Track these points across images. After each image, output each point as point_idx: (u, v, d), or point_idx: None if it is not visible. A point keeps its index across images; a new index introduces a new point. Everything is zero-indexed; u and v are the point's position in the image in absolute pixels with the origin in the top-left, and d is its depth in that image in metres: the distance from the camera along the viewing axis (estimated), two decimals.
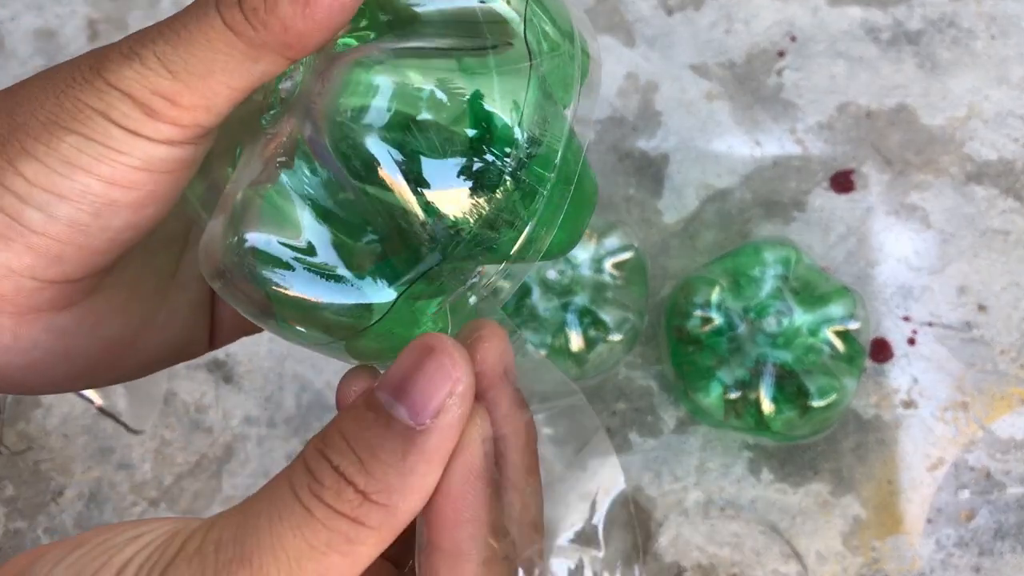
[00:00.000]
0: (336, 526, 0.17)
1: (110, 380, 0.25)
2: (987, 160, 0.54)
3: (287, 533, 0.17)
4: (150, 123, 0.20)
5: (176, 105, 0.20)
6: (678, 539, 0.51)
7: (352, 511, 0.18)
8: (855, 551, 0.50)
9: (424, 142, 0.19)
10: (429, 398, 0.18)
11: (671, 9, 0.58)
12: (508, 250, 0.20)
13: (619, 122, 0.56)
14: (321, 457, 0.18)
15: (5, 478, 0.54)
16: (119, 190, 0.20)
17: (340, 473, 0.18)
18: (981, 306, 0.52)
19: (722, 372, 0.48)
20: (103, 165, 0.20)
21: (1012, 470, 0.50)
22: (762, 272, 0.49)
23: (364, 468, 0.18)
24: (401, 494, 0.18)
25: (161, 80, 0.19)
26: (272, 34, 0.19)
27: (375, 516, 0.18)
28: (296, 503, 0.18)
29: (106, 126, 0.20)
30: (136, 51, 0.19)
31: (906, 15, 0.56)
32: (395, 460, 0.18)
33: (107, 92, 0.19)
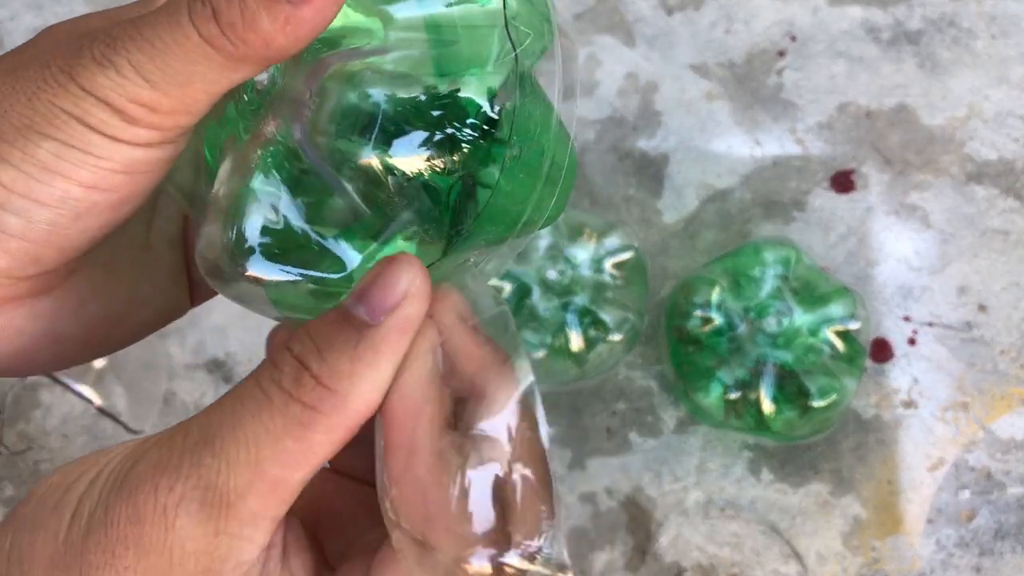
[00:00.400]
0: (291, 411, 0.19)
1: (101, 354, 0.25)
2: (987, 160, 0.54)
3: (247, 418, 0.19)
4: (130, 129, 0.20)
5: (155, 112, 0.20)
6: (678, 539, 0.51)
7: (306, 396, 0.19)
8: (855, 551, 0.50)
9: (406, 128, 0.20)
10: (384, 298, 0.20)
11: (671, 9, 0.58)
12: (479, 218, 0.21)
13: (619, 122, 0.56)
14: (284, 349, 0.20)
15: (5, 478, 0.54)
16: (99, 193, 0.20)
17: (298, 360, 0.19)
18: (981, 306, 0.52)
19: (722, 372, 0.48)
20: (83, 170, 0.20)
21: (1012, 470, 0.50)
22: (762, 272, 0.49)
23: (320, 355, 0.19)
24: (350, 380, 0.19)
25: (139, 90, 0.19)
26: (251, 48, 0.19)
27: (327, 401, 0.19)
28: (257, 390, 0.19)
29: (84, 132, 0.19)
30: (109, 58, 0.19)
31: (906, 15, 0.56)
32: (348, 348, 0.19)
33: (82, 98, 0.19)
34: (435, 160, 0.21)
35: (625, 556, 0.51)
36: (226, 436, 0.19)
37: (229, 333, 0.55)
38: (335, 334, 0.19)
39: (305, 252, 0.21)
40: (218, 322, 0.55)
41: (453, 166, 0.21)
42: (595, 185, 0.55)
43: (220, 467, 0.19)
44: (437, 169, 0.21)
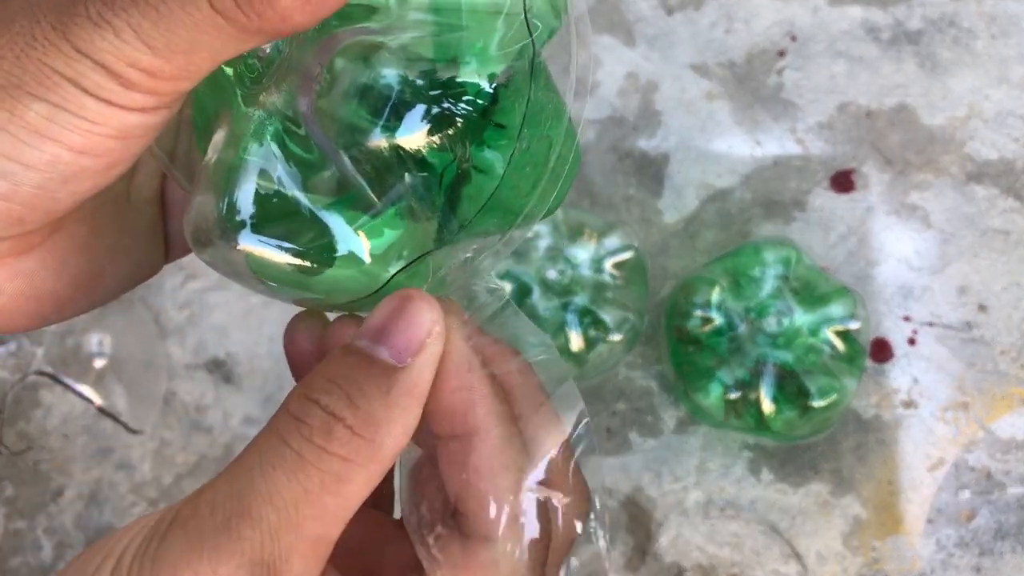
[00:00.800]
0: (328, 467, 0.18)
1: (78, 312, 0.24)
2: (987, 160, 0.54)
3: (281, 480, 0.18)
4: (126, 94, 0.19)
5: (155, 77, 0.19)
6: (678, 539, 0.51)
7: (341, 448, 0.18)
8: (855, 551, 0.50)
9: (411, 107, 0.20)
10: (410, 339, 0.19)
11: (671, 9, 0.58)
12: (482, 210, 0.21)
13: (619, 122, 0.56)
14: (307, 400, 0.19)
15: (5, 478, 0.54)
16: (90, 158, 0.19)
17: (328, 411, 0.19)
18: (981, 306, 0.52)
19: (722, 372, 0.48)
20: (75, 135, 0.19)
21: (1012, 470, 0.50)
22: (762, 272, 0.49)
23: (351, 403, 0.19)
24: (387, 427, 0.19)
25: (139, 55, 0.18)
26: (266, 22, 0.18)
27: (363, 452, 0.18)
28: (287, 449, 0.18)
29: (78, 95, 0.18)
30: (107, 19, 0.18)
31: (906, 15, 0.56)
32: (380, 394, 0.19)
33: (77, 60, 0.18)
34: (434, 136, 0.20)
35: (625, 556, 0.51)
36: (263, 504, 0.18)
37: (229, 333, 0.55)
38: (364, 380, 0.19)
39: (295, 224, 0.21)
40: (218, 322, 0.55)
41: (451, 143, 0.20)
42: (595, 185, 0.55)
43: (263, 539, 0.18)
44: (435, 145, 0.20)
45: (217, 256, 0.22)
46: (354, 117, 0.20)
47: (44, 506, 0.54)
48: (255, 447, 0.19)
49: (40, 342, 0.56)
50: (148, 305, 0.56)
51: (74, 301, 0.24)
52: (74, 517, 0.53)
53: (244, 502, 0.18)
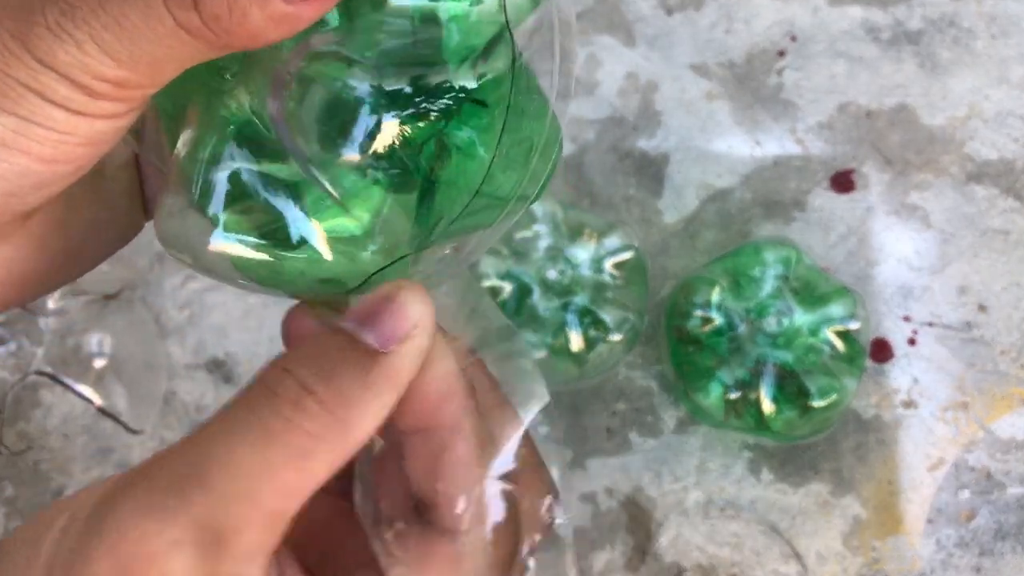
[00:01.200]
0: (293, 440, 0.18)
1: (61, 285, 0.24)
2: (987, 160, 0.54)
3: (241, 448, 0.18)
4: (93, 103, 0.18)
5: (122, 87, 0.18)
6: (678, 539, 0.51)
7: (309, 422, 0.18)
8: (855, 551, 0.50)
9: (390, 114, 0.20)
10: (397, 326, 0.19)
11: (671, 9, 0.58)
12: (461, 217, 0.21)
13: (619, 122, 0.56)
14: (282, 371, 0.18)
15: (5, 478, 0.54)
16: (60, 165, 0.19)
17: (301, 383, 0.18)
18: (981, 306, 0.52)
19: (722, 372, 0.48)
20: (44, 147, 0.18)
21: (1012, 470, 0.50)
22: (762, 272, 0.49)
23: (326, 378, 0.18)
24: (359, 409, 0.18)
25: (103, 68, 0.18)
26: (235, 39, 0.18)
27: (332, 430, 0.18)
28: (253, 418, 0.18)
29: (44, 107, 0.18)
30: (67, 31, 0.17)
31: (906, 15, 0.56)
32: (357, 374, 0.18)
33: (41, 72, 0.18)
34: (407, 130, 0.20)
35: (625, 556, 0.51)
36: (218, 469, 0.18)
37: (229, 333, 0.55)
38: (343, 359, 0.19)
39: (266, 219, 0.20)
40: (218, 322, 0.55)
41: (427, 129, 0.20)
42: (595, 185, 0.55)
43: (214, 504, 0.17)
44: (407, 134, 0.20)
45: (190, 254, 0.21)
46: (325, 133, 0.20)
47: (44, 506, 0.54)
48: (221, 414, 0.19)
49: (40, 342, 0.56)
50: (148, 305, 0.56)
51: (55, 277, 0.23)
52: None
53: (200, 467, 0.18)
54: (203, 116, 0.21)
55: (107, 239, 0.25)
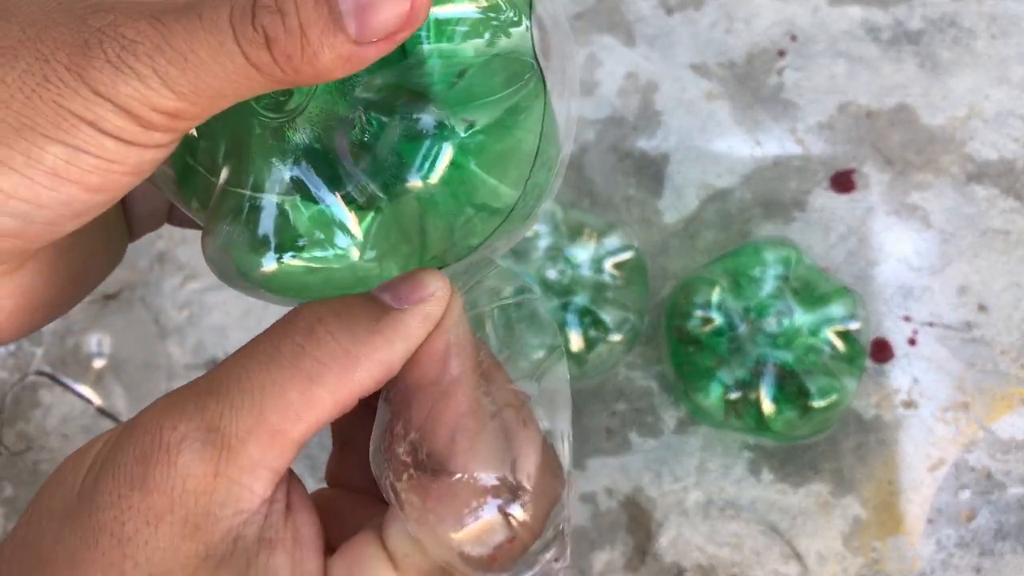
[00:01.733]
0: (300, 363, 0.19)
1: (64, 311, 0.25)
2: (987, 160, 0.54)
3: (252, 367, 0.19)
4: (146, 134, 0.19)
5: (177, 119, 0.19)
6: (678, 539, 0.51)
7: (316, 349, 0.20)
8: (855, 551, 0.50)
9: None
10: (411, 291, 0.21)
11: (671, 9, 0.58)
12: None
13: (619, 122, 0.56)
14: (300, 310, 0.20)
15: (4, 478, 0.54)
16: (104, 194, 0.19)
17: (316, 316, 0.20)
18: (981, 306, 0.52)
19: (722, 372, 0.48)
20: (93, 176, 0.19)
21: (1013, 470, 0.50)
22: (762, 272, 0.49)
23: (339, 316, 0.20)
24: (367, 348, 0.20)
25: (163, 100, 0.18)
26: (302, 77, 0.19)
27: (338, 360, 0.20)
28: (267, 344, 0.20)
29: (97, 137, 0.18)
30: (130, 65, 0.18)
31: (906, 15, 0.56)
32: (369, 319, 0.20)
33: (96, 103, 0.18)
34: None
35: (625, 556, 0.51)
36: (232, 385, 0.19)
37: (229, 333, 0.55)
38: (358, 305, 0.20)
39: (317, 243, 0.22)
40: (218, 322, 0.55)
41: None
42: (595, 185, 0.55)
43: (223, 411, 0.19)
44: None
45: (247, 283, 0.23)
46: (396, 162, 0.21)
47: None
48: (246, 345, 0.20)
49: (39, 342, 0.56)
50: (148, 305, 0.56)
51: (61, 303, 0.24)
52: None
53: (216, 381, 0.20)
54: (252, 142, 0.22)
55: (102, 262, 0.26)
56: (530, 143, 0.22)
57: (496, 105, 0.21)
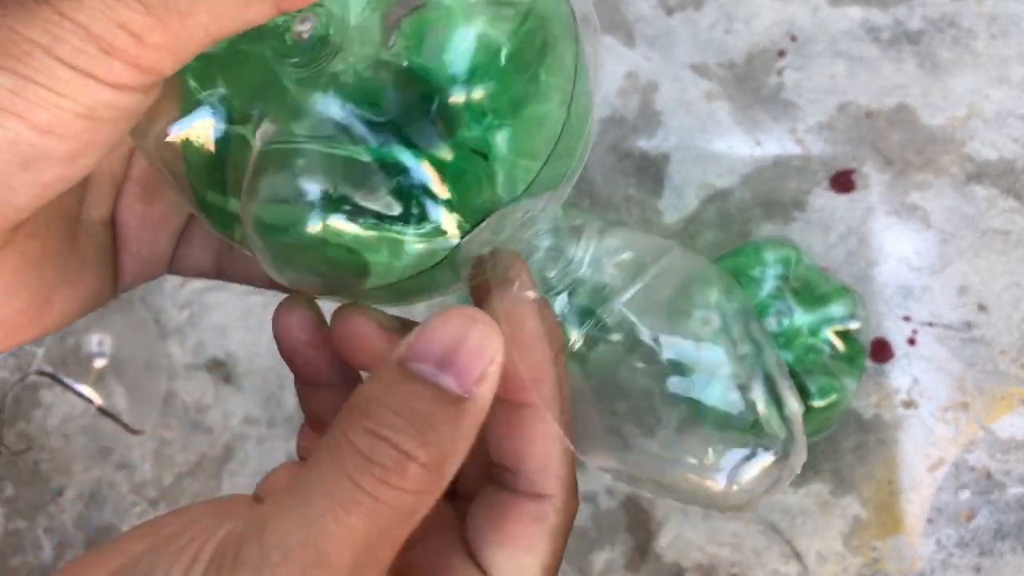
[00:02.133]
0: (402, 504, 0.18)
1: (23, 341, 0.23)
2: (987, 160, 0.54)
3: (358, 525, 0.17)
4: (105, 61, 0.17)
5: (142, 43, 0.17)
6: (678, 539, 0.51)
7: (414, 485, 0.18)
8: (855, 551, 0.50)
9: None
10: (474, 368, 0.19)
11: (671, 9, 0.58)
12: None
13: (619, 122, 0.56)
14: (376, 437, 0.18)
15: (5, 478, 0.54)
16: (55, 139, 0.17)
17: (401, 451, 0.18)
18: (981, 306, 0.52)
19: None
20: (41, 110, 0.17)
21: (1012, 470, 0.50)
22: (762, 272, 0.49)
23: (424, 440, 0.18)
24: (455, 457, 0.18)
25: (131, 12, 0.17)
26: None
27: (433, 483, 0.18)
28: (362, 494, 0.18)
29: (49, 64, 0.17)
30: None
31: (906, 15, 0.56)
32: (449, 428, 0.18)
33: (55, 23, 0.17)
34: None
35: (625, 556, 0.51)
36: (341, 550, 0.17)
37: (229, 333, 0.55)
38: (434, 415, 0.18)
39: (377, 194, 0.21)
40: (218, 322, 0.55)
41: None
42: (595, 185, 0.55)
43: None
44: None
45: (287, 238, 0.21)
46: (442, 73, 0.20)
47: (44, 506, 0.54)
48: (323, 488, 0.18)
49: (40, 342, 0.56)
50: (148, 305, 0.56)
51: (20, 328, 0.22)
52: (74, 517, 0.53)
53: (320, 548, 0.17)
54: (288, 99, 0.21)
55: (75, 299, 0.23)
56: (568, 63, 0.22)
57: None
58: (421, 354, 0.19)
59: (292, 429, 0.54)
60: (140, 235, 0.25)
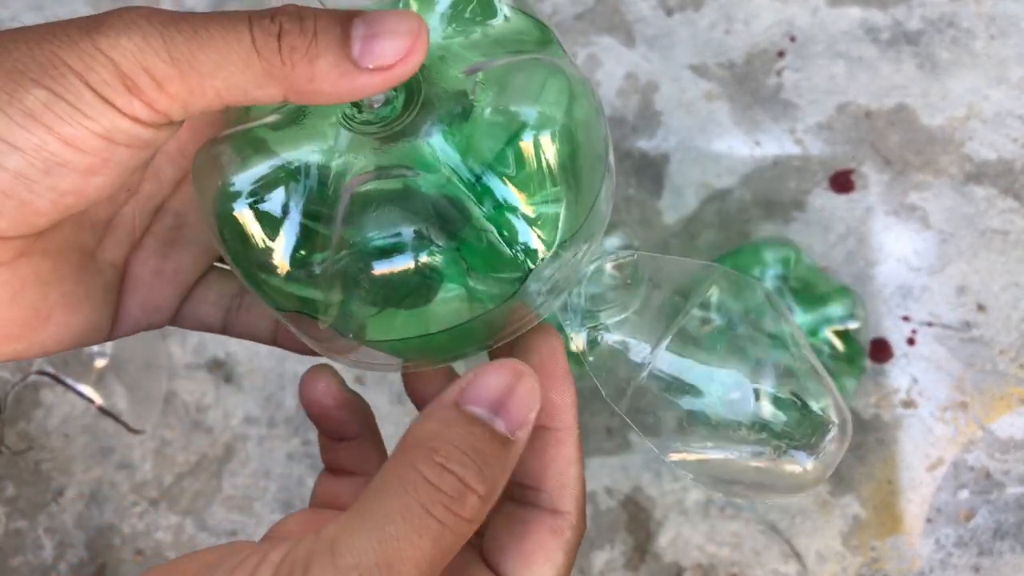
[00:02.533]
0: (460, 529, 0.21)
1: (12, 356, 0.25)
2: (986, 160, 0.54)
3: (427, 547, 0.20)
4: (125, 96, 0.20)
5: (160, 89, 0.20)
6: (678, 539, 0.51)
7: (471, 514, 0.21)
8: (855, 551, 0.50)
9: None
10: (521, 416, 0.22)
11: (671, 9, 0.58)
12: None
13: (619, 122, 0.56)
14: (443, 470, 0.21)
15: (6, 478, 0.54)
16: (74, 152, 0.20)
17: (464, 483, 0.21)
18: (980, 306, 0.52)
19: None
20: (66, 125, 0.20)
21: (1011, 470, 0.50)
22: (762, 272, 0.49)
23: (481, 475, 0.21)
24: (499, 490, 0.21)
25: (157, 61, 0.19)
26: (293, 77, 0.20)
27: (482, 512, 0.21)
28: (431, 518, 0.20)
29: (79, 87, 0.19)
30: (140, 25, 0.19)
31: (905, 15, 0.57)
32: (499, 464, 0.21)
33: (91, 55, 0.19)
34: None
35: (625, 555, 0.51)
36: (411, 569, 0.20)
37: None
38: (490, 454, 0.21)
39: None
40: None
41: None
42: None
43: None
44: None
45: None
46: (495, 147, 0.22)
47: (45, 506, 0.54)
48: (395, 513, 0.20)
49: None
50: None
51: (12, 339, 0.24)
52: (75, 516, 0.54)
53: (394, 567, 0.20)
54: (371, 153, 0.22)
55: (72, 327, 0.25)
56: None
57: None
58: (477, 398, 0.22)
59: (292, 429, 0.54)
60: (150, 285, 0.26)
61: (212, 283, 0.27)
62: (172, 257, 0.27)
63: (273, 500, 0.53)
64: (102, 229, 0.26)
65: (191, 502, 0.53)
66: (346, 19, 0.20)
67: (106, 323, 0.26)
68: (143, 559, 0.53)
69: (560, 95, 0.23)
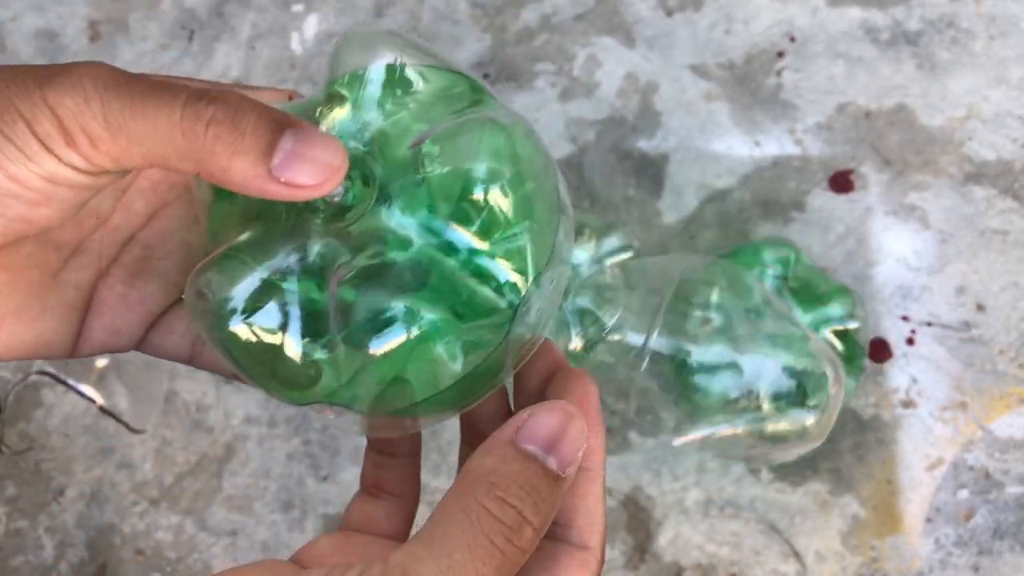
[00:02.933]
0: (516, 559, 0.22)
1: None
2: (986, 160, 0.54)
3: (491, 574, 0.22)
4: (64, 148, 0.22)
5: (94, 146, 0.22)
6: (678, 538, 0.51)
7: (527, 544, 0.23)
8: (854, 550, 0.50)
9: None
10: (571, 455, 0.24)
11: (671, 10, 0.58)
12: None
13: (619, 122, 0.56)
14: (504, 504, 0.23)
15: (6, 478, 0.54)
16: (20, 187, 0.22)
17: (522, 516, 0.23)
18: (980, 306, 0.52)
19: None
20: (12, 164, 0.22)
21: (1011, 470, 0.50)
22: (761, 272, 0.49)
23: (537, 510, 0.23)
24: (548, 523, 0.23)
25: (94, 124, 0.22)
26: (213, 160, 0.22)
27: (536, 543, 0.23)
28: (494, 548, 0.22)
29: (26, 135, 0.22)
30: (86, 89, 0.22)
31: (905, 15, 0.57)
32: (553, 502, 0.23)
33: (40, 108, 0.22)
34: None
35: (625, 555, 0.51)
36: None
37: None
38: (545, 491, 0.23)
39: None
40: None
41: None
42: (595, 185, 0.55)
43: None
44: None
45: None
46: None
47: (46, 505, 0.54)
48: (462, 543, 0.22)
49: None
50: None
51: None
52: (76, 516, 0.54)
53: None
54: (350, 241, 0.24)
55: (23, 335, 0.27)
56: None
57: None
58: (532, 437, 0.24)
59: (292, 429, 0.54)
60: (115, 310, 0.28)
61: (181, 315, 0.29)
62: (137, 286, 0.28)
63: (273, 500, 0.53)
64: (68, 252, 0.27)
65: (191, 502, 0.53)
66: (277, 129, 0.22)
67: (66, 340, 0.28)
68: (143, 559, 0.53)
69: (496, 143, 0.24)
